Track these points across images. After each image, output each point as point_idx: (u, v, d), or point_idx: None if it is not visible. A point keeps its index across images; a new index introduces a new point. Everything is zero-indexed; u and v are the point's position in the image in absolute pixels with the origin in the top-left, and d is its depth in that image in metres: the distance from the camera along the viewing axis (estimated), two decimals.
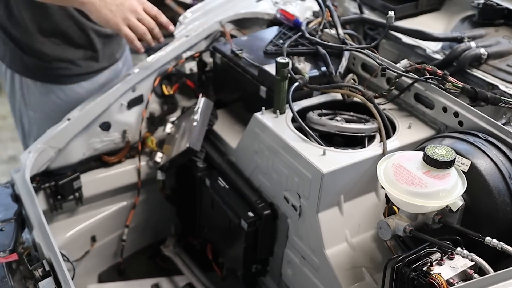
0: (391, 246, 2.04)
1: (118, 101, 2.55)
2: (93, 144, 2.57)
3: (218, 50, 2.59)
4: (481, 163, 1.82)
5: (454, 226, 1.77)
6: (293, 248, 2.25)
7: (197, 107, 2.51)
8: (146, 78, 2.60)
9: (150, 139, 2.70)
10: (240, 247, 2.32)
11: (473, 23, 2.64)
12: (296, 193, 2.09)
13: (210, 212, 2.51)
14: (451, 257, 1.66)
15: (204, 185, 2.49)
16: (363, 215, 2.12)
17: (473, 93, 2.10)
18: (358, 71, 2.46)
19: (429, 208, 1.74)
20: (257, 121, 2.23)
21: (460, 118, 2.06)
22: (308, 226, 2.11)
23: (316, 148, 2.05)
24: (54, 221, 2.60)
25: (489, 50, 2.35)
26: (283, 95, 2.20)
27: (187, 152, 2.41)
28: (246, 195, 2.33)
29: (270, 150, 2.18)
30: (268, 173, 2.25)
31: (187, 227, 2.85)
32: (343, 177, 2.01)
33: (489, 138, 1.91)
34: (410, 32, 2.57)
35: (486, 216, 1.79)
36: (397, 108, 2.30)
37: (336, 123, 2.17)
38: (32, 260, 1.97)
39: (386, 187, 1.73)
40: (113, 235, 2.81)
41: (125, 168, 2.73)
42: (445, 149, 1.71)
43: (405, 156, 1.77)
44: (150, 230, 2.95)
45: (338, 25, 2.52)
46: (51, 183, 2.47)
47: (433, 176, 1.69)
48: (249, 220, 2.24)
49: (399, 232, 1.76)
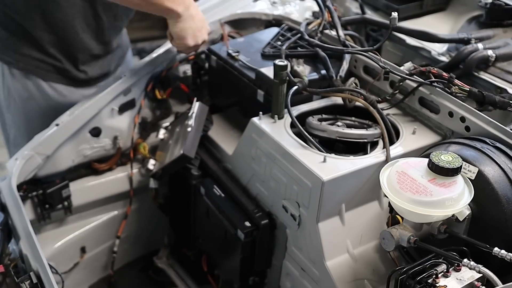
0: (395, 257, 2.03)
1: (109, 105, 2.54)
2: (82, 150, 2.57)
3: (214, 52, 2.59)
4: (489, 170, 1.82)
5: (461, 236, 1.77)
6: (292, 260, 2.25)
7: (191, 112, 2.51)
8: (138, 82, 2.60)
9: (142, 146, 2.70)
10: (236, 259, 2.32)
11: (481, 23, 2.65)
12: (295, 202, 2.09)
13: (205, 222, 2.51)
14: (458, 268, 1.65)
15: (198, 194, 2.48)
16: (365, 225, 2.12)
17: (480, 97, 2.10)
18: (360, 74, 2.46)
19: (435, 218, 1.74)
20: (254, 127, 2.23)
21: (467, 123, 2.06)
22: (307, 237, 2.10)
23: (316, 155, 2.05)
24: (42, 231, 2.60)
25: (497, 52, 2.35)
26: (282, 99, 2.20)
27: (181, 159, 2.41)
28: (242, 204, 2.33)
29: (268, 157, 2.18)
30: (265, 181, 2.24)
31: (181, 238, 2.85)
32: (345, 185, 2.01)
33: (497, 144, 1.91)
34: (415, 33, 2.57)
35: (494, 226, 1.79)
36: (401, 113, 2.31)
37: (337, 129, 2.17)
38: (19, 272, 1.96)
39: (390, 195, 1.72)
40: (103, 246, 2.80)
41: (116, 176, 2.73)
42: (451, 155, 1.71)
43: (409, 163, 1.77)
44: (142, 240, 2.94)
45: (338, 26, 2.52)
46: (38, 191, 2.46)
47: (439, 184, 1.68)
48: (246, 230, 2.24)
49: (403, 242, 1.76)
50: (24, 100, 2.58)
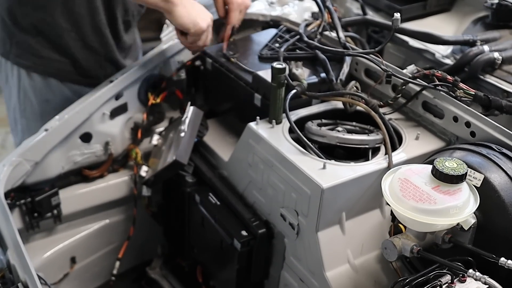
0: (397, 267, 2.03)
1: (100, 110, 2.54)
2: (72, 157, 2.57)
3: (209, 55, 2.59)
4: (495, 177, 1.82)
5: (466, 246, 1.77)
6: (291, 270, 2.24)
7: (184, 117, 2.51)
8: (130, 85, 2.60)
9: (134, 152, 2.70)
10: (232, 269, 2.32)
11: (486, 25, 2.65)
12: (294, 210, 2.09)
13: (200, 231, 2.51)
14: (463, 279, 1.65)
15: (193, 202, 2.48)
16: (367, 234, 2.12)
17: (486, 101, 2.10)
18: (361, 77, 2.46)
19: (439, 227, 1.74)
20: (251, 132, 2.23)
21: (472, 128, 2.06)
22: (306, 246, 2.10)
23: (316, 161, 2.05)
24: (31, 240, 2.59)
25: (504, 55, 2.36)
26: (280, 104, 2.20)
27: (173, 165, 2.41)
28: (239, 213, 2.33)
29: (266, 163, 2.18)
30: (263, 188, 2.24)
31: (175, 247, 2.85)
32: (345, 192, 2.01)
33: (504, 150, 1.91)
34: (418, 34, 2.58)
35: (501, 235, 1.79)
36: (404, 117, 2.31)
37: (337, 134, 2.17)
38: (6, 283, 1.96)
39: (392, 203, 1.72)
40: (94, 256, 2.80)
41: (108, 183, 2.72)
42: (456, 162, 1.71)
43: (412, 170, 1.77)
44: (135, 250, 2.94)
45: (339, 28, 2.52)
46: (27, 199, 2.45)
47: (443, 192, 1.68)
48: (243, 240, 2.24)
49: (405, 252, 1.76)
50: (41, 103, 2.60)
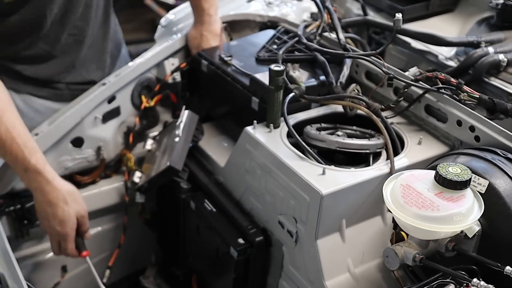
0: (399, 276, 2.03)
1: (92, 113, 2.55)
2: (63, 162, 2.57)
3: (204, 57, 2.59)
4: (500, 183, 1.82)
5: (470, 254, 1.77)
6: (289, 279, 2.24)
7: (179, 121, 2.51)
8: (123, 88, 2.60)
9: (127, 157, 2.69)
10: (229, 278, 2.32)
11: (491, 25, 2.66)
12: (292, 217, 2.09)
13: (195, 238, 2.51)
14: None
15: (188, 209, 2.48)
16: (368, 242, 2.12)
17: (491, 104, 2.11)
18: (362, 80, 2.47)
19: (442, 234, 1.74)
20: (248, 136, 2.23)
21: (476, 132, 2.07)
22: (305, 255, 2.10)
23: (315, 167, 2.05)
24: (20, 248, 2.58)
25: (509, 56, 2.36)
26: (278, 107, 2.20)
27: (167, 171, 2.41)
28: (235, 220, 2.33)
29: (263, 169, 2.18)
30: (260, 194, 2.24)
31: (169, 256, 2.85)
32: (345, 199, 2.01)
33: (509, 155, 1.91)
34: (421, 36, 2.58)
35: (506, 243, 1.78)
36: (406, 121, 2.31)
37: (337, 139, 2.17)
38: None
39: (394, 210, 1.72)
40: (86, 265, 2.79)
41: (100, 189, 2.72)
42: (459, 167, 1.71)
43: (415, 176, 1.77)
44: (128, 259, 2.93)
45: (338, 29, 2.53)
46: (16, 206, 2.45)
47: (446, 198, 1.68)
48: (240, 248, 2.23)
49: (408, 261, 1.76)
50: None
